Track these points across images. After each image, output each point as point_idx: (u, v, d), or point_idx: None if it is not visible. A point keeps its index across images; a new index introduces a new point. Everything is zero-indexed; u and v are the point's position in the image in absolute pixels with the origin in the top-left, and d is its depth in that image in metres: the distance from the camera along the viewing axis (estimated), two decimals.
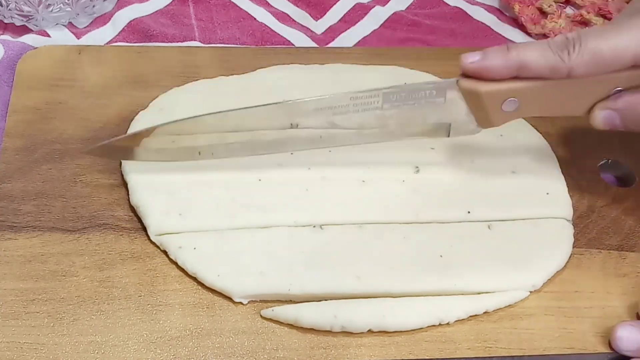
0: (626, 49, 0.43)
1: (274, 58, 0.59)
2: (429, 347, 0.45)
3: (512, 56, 0.45)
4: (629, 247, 0.51)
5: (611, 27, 0.44)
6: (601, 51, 0.44)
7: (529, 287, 0.47)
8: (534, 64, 0.45)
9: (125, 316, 0.44)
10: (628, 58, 0.44)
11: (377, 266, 0.47)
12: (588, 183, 0.54)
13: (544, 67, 0.45)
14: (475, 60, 0.45)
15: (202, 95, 0.55)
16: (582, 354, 0.46)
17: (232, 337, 0.44)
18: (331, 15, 0.67)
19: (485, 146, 0.54)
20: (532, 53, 0.45)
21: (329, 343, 0.45)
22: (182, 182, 0.49)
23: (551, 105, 0.47)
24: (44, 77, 0.56)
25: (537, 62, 0.44)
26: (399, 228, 0.49)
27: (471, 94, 0.46)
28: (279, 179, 0.50)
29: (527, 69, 0.45)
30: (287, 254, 0.47)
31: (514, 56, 0.45)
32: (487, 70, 0.45)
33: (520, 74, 0.45)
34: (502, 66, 0.45)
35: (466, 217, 0.50)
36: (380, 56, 0.60)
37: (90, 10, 0.62)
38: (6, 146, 0.51)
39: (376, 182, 0.51)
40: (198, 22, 0.65)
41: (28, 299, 0.45)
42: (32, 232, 0.47)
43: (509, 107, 0.46)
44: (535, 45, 0.45)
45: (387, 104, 0.47)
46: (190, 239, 0.47)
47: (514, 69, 0.45)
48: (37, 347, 0.43)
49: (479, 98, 0.46)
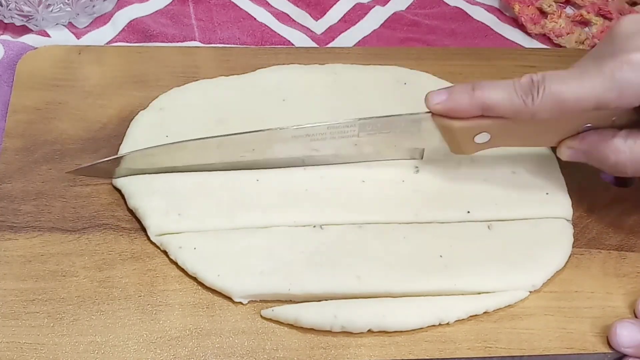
0: (588, 95, 0.44)
1: (273, 58, 0.59)
2: (429, 347, 0.45)
3: (477, 97, 0.46)
4: (629, 247, 0.51)
5: (574, 72, 0.45)
6: (563, 96, 0.44)
7: (529, 287, 0.47)
8: (498, 106, 0.46)
9: (125, 316, 0.44)
10: (590, 104, 0.44)
11: (377, 266, 0.47)
12: (588, 183, 0.54)
13: (509, 110, 0.46)
14: (441, 100, 0.47)
15: (202, 95, 0.55)
16: (581, 353, 0.46)
17: (232, 337, 0.44)
18: (331, 15, 0.67)
19: None
20: (497, 95, 0.45)
21: (329, 343, 0.45)
22: (181, 182, 0.49)
23: (522, 139, 0.49)
24: (44, 77, 0.56)
25: (501, 104, 0.46)
26: (399, 228, 0.49)
27: (445, 127, 0.48)
28: (278, 179, 0.50)
29: (491, 110, 0.46)
30: (287, 254, 0.47)
31: (479, 97, 0.46)
32: (453, 111, 0.47)
33: (485, 113, 0.46)
34: (467, 107, 0.46)
35: (466, 217, 0.50)
36: (380, 56, 0.60)
37: (90, 10, 0.62)
38: (6, 146, 0.51)
39: (376, 182, 0.51)
40: (198, 22, 0.65)
41: (28, 299, 0.45)
42: (32, 232, 0.47)
43: (481, 140, 0.48)
44: (500, 87, 0.46)
45: (363, 133, 0.49)
46: (190, 239, 0.47)
47: (478, 110, 0.46)
48: (37, 347, 0.43)
49: (452, 132, 0.48)
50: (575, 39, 0.67)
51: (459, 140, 0.48)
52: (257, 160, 0.50)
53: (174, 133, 0.52)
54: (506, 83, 0.46)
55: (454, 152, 0.50)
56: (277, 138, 0.49)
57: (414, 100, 0.56)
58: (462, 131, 0.48)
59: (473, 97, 0.46)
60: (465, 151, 0.49)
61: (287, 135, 0.49)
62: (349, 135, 0.49)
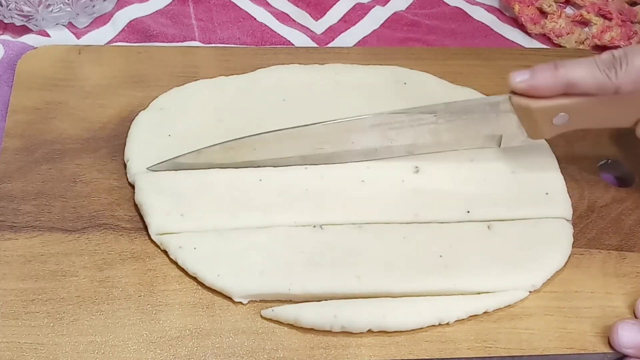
0: None
1: (273, 58, 0.59)
2: (429, 347, 0.45)
3: (560, 75, 0.46)
4: (629, 247, 0.51)
5: None
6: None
7: (529, 287, 0.47)
8: (581, 83, 0.46)
9: (125, 316, 0.44)
10: None
11: (377, 266, 0.47)
12: (588, 183, 0.54)
13: (592, 85, 0.46)
14: (524, 79, 0.47)
15: (202, 95, 0.55)
16: (581, 353, 0.46)
17: (232, 337, 0.44)
18: (331, 15, 0.67)
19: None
20: (580, 71, 0.46)
21: (329, 343, 0.45)
22: (185, 183, 0.49)
23: (600, 119, 0.49)
24: (44, 77, 0.56)
25: (584, 80, 0.46)
26: (399, 228, 0.49)
27: (523, 109, 0.48)
28: (279, 179, 0.50)
29: (575, 87, 0.46)
30: (287, 254, 0.47)
31: (562, 75, 0.46)
32: (536, 89, 0.47)
33: (568, 91, 0.47)
34: (550, 85, 0.46)
35: (466, 217, 0.50)
36: (380, 56, 0.60)
37: (90, 10, 0.62)
38: (6, 146, 0.51)
39: (375, 182, 0.51)
40: (198, 22, 0.65)
41: (28, 299, 0.45)
42: (32, 232, 0.47)
43: (559, 121, 0.48)
44: (583, 64, 0.46)
45: (442, 119, 0.49)
46: (190, 238, 0.47)
47: (562, 87, 0.46)
48: (36, 347, 0.43)
49: (531, 113, 0.48)
50: (575, 39, 0.67)
51: (537, 122, 0.48)
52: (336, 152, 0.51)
53: (175, 133, 0.52)
54: (588, 60, 0.46)
55: (531, 137, 0.50)
56: (356, 127, 0.49)
57: (414, 100, 0.56)
58: (541, 112, 0.48)
59: (556, 74, 0.46)
60: (542, 134, 0.49)
61: (366, 125, 0.49)
62: (427, 122, 0.49)
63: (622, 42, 0.67)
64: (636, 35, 0.67)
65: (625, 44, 0.67)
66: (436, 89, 0.57)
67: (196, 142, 0.51)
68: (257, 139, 0.50)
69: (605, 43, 0.67)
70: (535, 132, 0.50)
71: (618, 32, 0.67)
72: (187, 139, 0.52)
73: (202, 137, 0.52)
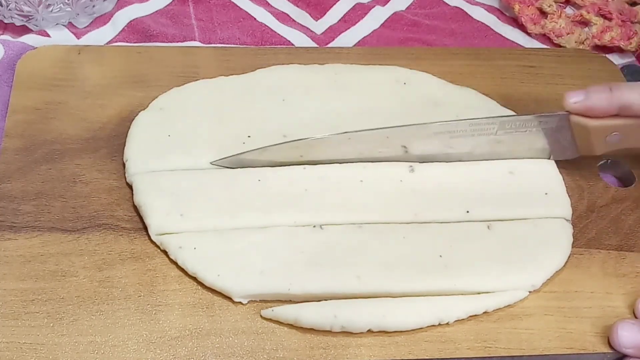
0: None
1: (273, 58, 0.59)
2: (429, 347, 0.45)
3: (615, 97, 0.48)
4: (629, 247, 0.51)
5: None
6: None
7: (529, 287, 0.47)
8: (635, 106, 0.48)
9: (125, 316, 0.44)
10: None
11: (377, 266, 0.47)
12: (587, 183, 0.54)
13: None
14: (579, 100, 0.49)
15: (202, 95, 0.55)
16: (581, 353, 0.46)
17: (231, 337, 0.44)
18: (331, 15, 0.67)
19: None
20: (634, 95, 0.48)
21: (329, 343, 0.45)
22: (184, 183, 0.49)
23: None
24: (44, 77, 0.56)
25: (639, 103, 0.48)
26: (399, 228, 0.49)
27: (579, 127, 0.50)
28: (278, 179, 0.50)
29: (629, 109, 0.48)
30: (287, 254, 0.47)
31: (617, 97, 0.48)
32: (591, 110, 0.49)
33: (622, 113, 0.49)
34: (605, 107, 0.49)
35: (465, 217, 0.50)
36: (380, 56, 0.60)
37: (90, 10, 0.62)
38: (6, 146, 0.51)
39: (374, 181, 0.51)
40: (198, 22, 0.65)
41: (28, 299, 0.45)
42: (32, 232, 0.47)
43: (612, 140, 0.50)
44: (637, 87, 0.48)
45: (502, 131, 0.51)
46: (190, 239, 0.47)
47: (616, 109, 0.48)
48: (36, 347, 0.43)
49: (587, 131, 0.50)
50: (575, 39, 0.67)
51: (591, 140, 0.50)
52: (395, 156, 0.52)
53: (174, 133, 0.52)
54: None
55: (582, 153, 0.52)
56: (420, 134, 0.51)
57: (414, 100, 0.56)
58: (596, 130, 0.50)
59: (612, 97, 0.48)
60: (594, 151, 0.51)
61: (429, 132, 0.51)
62: (487, 132, 0.51)
63: (622, 42, 0.67)
64: (636, 35, 0.67)
65: (625, 44, 0.67)
66: (436, 89, 0.57)
67: (196, 142, 0.51)
68: (322, 140, 0.50)
69: (605, 43, 0.67)
70: (588, 149, 0.51)
71: (618, 32, 0.67)
72: (187, 139, 0.52)
73: (202, 137, 0.52)
